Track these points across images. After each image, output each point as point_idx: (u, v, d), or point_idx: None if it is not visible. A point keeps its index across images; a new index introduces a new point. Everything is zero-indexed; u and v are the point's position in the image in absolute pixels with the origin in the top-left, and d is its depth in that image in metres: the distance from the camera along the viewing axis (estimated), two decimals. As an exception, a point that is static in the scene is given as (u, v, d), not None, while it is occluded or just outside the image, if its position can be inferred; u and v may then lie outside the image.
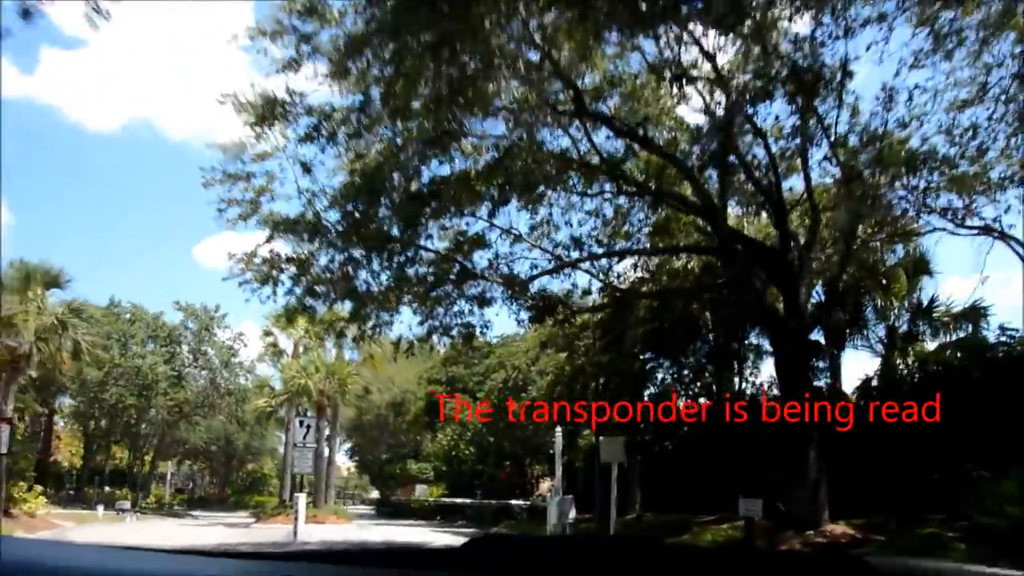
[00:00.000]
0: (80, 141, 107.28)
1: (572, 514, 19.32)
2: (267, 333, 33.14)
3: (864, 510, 15.37)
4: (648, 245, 17.56)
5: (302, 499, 23.06)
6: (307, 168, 13.87)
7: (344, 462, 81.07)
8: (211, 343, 44.85)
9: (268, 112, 13.19)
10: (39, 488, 27.28)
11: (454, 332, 20.79)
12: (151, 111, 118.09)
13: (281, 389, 32.75)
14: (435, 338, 20.40)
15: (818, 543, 12.79)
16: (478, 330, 20.50)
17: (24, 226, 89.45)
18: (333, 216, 14.55)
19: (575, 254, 16.62)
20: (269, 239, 14.69)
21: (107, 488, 45.10)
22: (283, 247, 15.21)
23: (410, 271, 17.47)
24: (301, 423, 29.18)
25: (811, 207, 16.44)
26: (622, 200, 18.06)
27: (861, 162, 14.49)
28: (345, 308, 18.36)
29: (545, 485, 39.73)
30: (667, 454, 26.93)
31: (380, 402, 52.58)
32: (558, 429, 23.87)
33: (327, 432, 36.00)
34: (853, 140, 15.31)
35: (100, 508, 33.50)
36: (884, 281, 22.44)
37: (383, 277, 18.03)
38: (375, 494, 72.75)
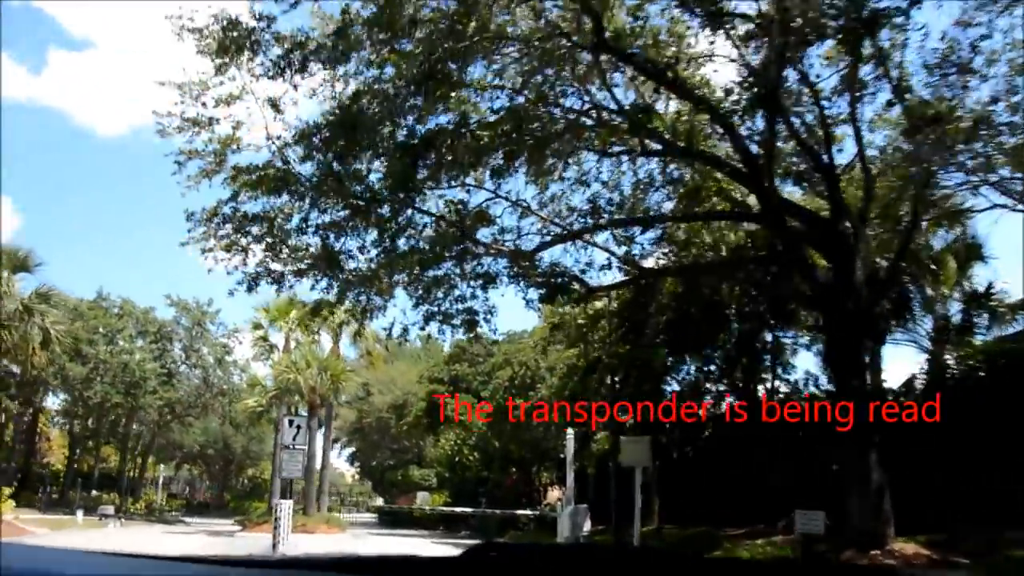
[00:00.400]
0: (88, 144, 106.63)
1: (587, 526, 17.06)
2: (256, 326, 30.96)
3: (920, 524, 13.09)
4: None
5: (286, 506, 20.88)
6: (276, 106, 11.70)
7: (348, 468, 79.05)
8: (204, 340, 42.71)
9: (231, 40, 11.05)
10: (7, 491, 25.19)
11: (456, 320, 18.79)
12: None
13: (271, 386, 30.44)
14: (434, 327, 18.33)
15: (889, 566, 10.48)
16: (482, 317, 18.43)
17: (32, 228, 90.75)
18: (309, 170, 12.36)
19: (591, 223, 14.36)
20: (234, 196, 12.52)
21: (94, 492, 42.98)
22: (253, 208, 13.02)
23: (402, 244, 15.40)
24: (291, 423, 26.98)
25: (863, 171, 14.21)
26: (643, 172, 15.82)
27: (932, 109, 12.25)
28: (326, 289, 16.26)
29: (554, 494, 37.35)
30: (689, 460, 24.65)
31: (381, 404, 50.38)
32: (570, 432, 21.61)
33: (320, 433, 33.88)
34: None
35: (80, 513, 31.38)
36: (933, 267, 20.21)
37: (372, 252, 16.00)
38: (380, 502, 70.34)
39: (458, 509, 32.74)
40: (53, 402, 42.89)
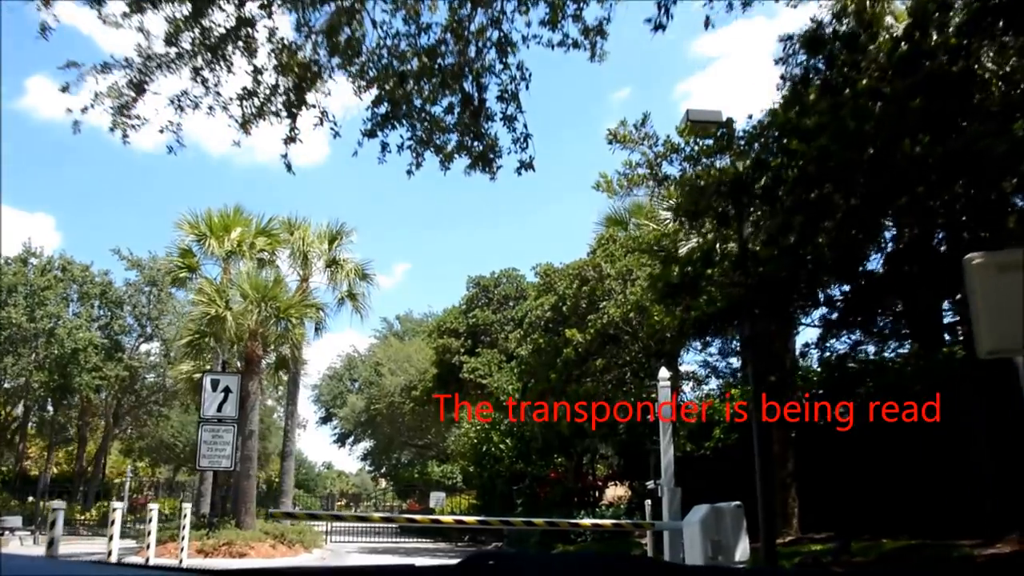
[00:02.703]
0: (123, 159, 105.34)
1: (743, 545, 7.41)
2: (184, 253, 21.45)
3: None
4: None
5: (123, 512, 11.67)
6: None
7: (364, 467, 70.04)
8: (164, 306, 33.76)
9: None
10: None
11: (450, 139, 9.82)
12: (192, 127, 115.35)
13: (191, 328, 20.24)
14: (394, 137, 8.97)
15: None
16: (498, 118, 9.05)
17: (71, 243, 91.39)
18: None
19: None
20: None
21: (30, 499, 34.30)
22: None
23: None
24: (214, 384, 17.97)
25: None
26: None
27: None
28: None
29: (613, 491, 27.54)
30: (844, 440, 15.29)
31: (394, 386, 41.01)
32: (662, 376, 11.91)
33: (272, 402, 24.52)
34: None
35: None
36: None
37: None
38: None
39: (459, 519, 22.72)
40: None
